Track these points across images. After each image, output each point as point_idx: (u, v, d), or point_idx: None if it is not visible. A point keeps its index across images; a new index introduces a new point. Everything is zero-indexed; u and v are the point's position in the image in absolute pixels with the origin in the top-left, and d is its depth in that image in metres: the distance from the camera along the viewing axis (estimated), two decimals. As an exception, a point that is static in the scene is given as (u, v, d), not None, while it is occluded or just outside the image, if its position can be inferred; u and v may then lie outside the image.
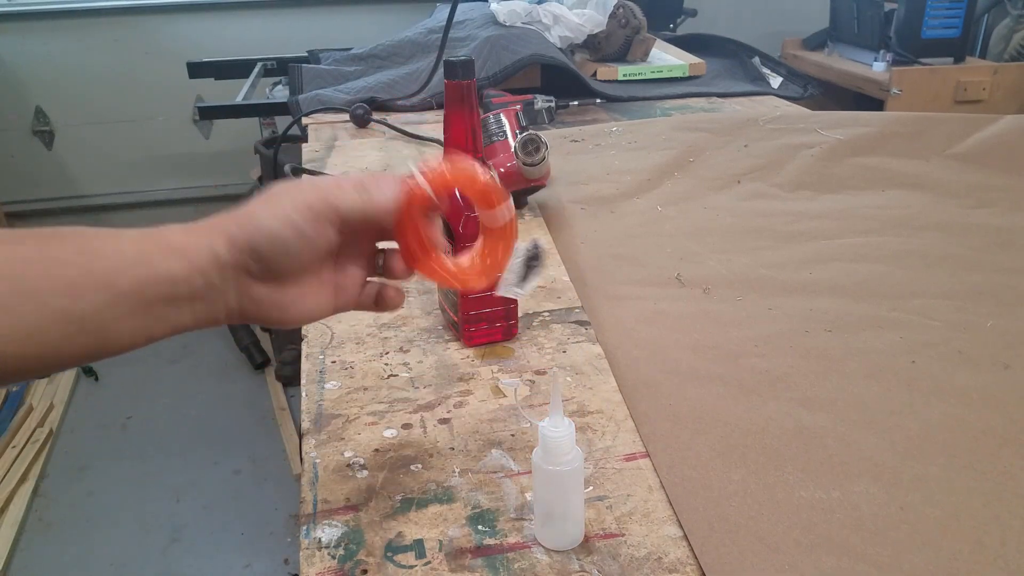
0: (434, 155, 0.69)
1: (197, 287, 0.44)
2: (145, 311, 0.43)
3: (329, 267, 0.51)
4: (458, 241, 0.68)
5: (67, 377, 2.36)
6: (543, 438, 0.49)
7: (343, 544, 0.52)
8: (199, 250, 0.44)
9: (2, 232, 0.41)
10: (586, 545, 0.51)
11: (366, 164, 1.24)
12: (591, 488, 0.56)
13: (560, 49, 1.62)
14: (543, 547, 0.51)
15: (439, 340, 0.75)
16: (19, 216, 3.04)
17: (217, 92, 2.48)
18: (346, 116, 1.46)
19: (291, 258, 0.46)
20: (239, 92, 1.89)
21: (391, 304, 0.54)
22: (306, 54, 1.98)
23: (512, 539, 0.52)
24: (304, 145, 1.36)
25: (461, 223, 0.68)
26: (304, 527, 0.53)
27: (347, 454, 0.60)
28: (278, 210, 0.46)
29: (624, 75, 1.69)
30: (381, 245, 0.54)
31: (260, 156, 2.16)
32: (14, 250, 0.41)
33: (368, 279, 0.54)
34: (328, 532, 0.53)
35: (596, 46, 1.74)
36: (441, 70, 0.68)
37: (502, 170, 0.96)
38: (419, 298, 0.83)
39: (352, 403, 0.66)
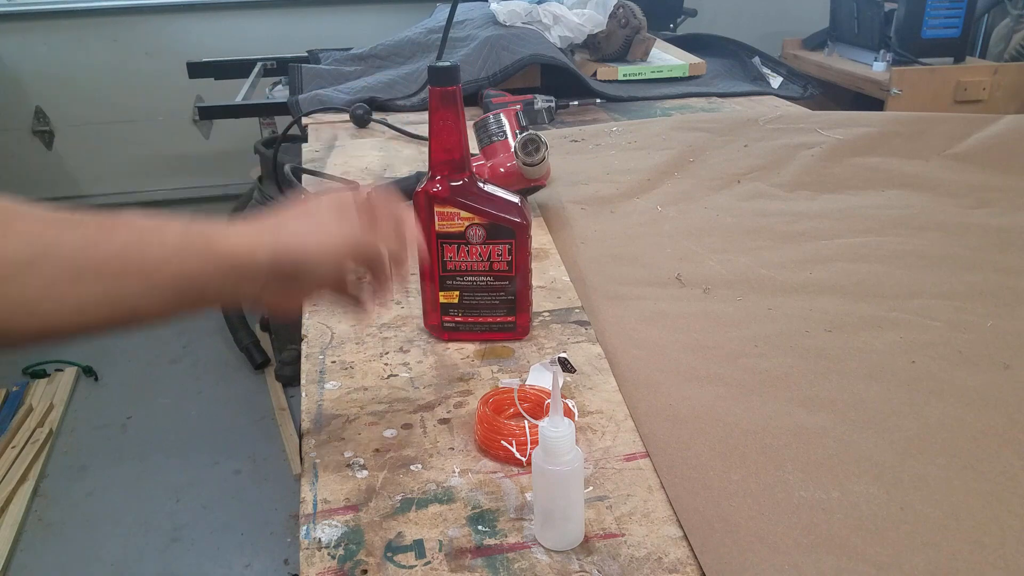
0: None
1: (226, 287, 0.49)
2: (174, 299, 0.49)
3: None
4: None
5: (67, 377, 2.36)
6: (543, 438, 0.49)
7: (343, 544, 0.52)
8: (239, 257, 0.49)
9: (65, 216, 0.46)
10: (586, 545, 0.51)
11: (366, 164, 1.24)
12: (591, 488, 0.56)
13: (560, 49, 1.62)
14: (543, 547, 0.51)
15: (439, 340, 0.75)
16: (19, 216, 3.04)
17: (217, 92, 2.48)
18: (346, 116, 1.46)
19: (322, 282, 0.54)
20: (239, 92, 1.89)
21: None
22: (306, 54, 1.98)
23: (512, 539, 0.52)
24: (304, 145, 1.36)
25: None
26: (304, 527, 0.53)
27: (347, 454, 0.60)
28: (326, 243, 0.52)
29: (624, 75, 1.69)
30: None
31: (260, 156, 2.16)
32: (74, 234, 0.46)
33: None
34: (328, 532, 0.53)
35: (596, 46, 1.74)
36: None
37: (502, 170, 0.96)
38: (419, 298, 0.83)
39: (352, 403, 0.66)
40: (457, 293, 0.73)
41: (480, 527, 0.53)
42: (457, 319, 0.74)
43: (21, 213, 0.45)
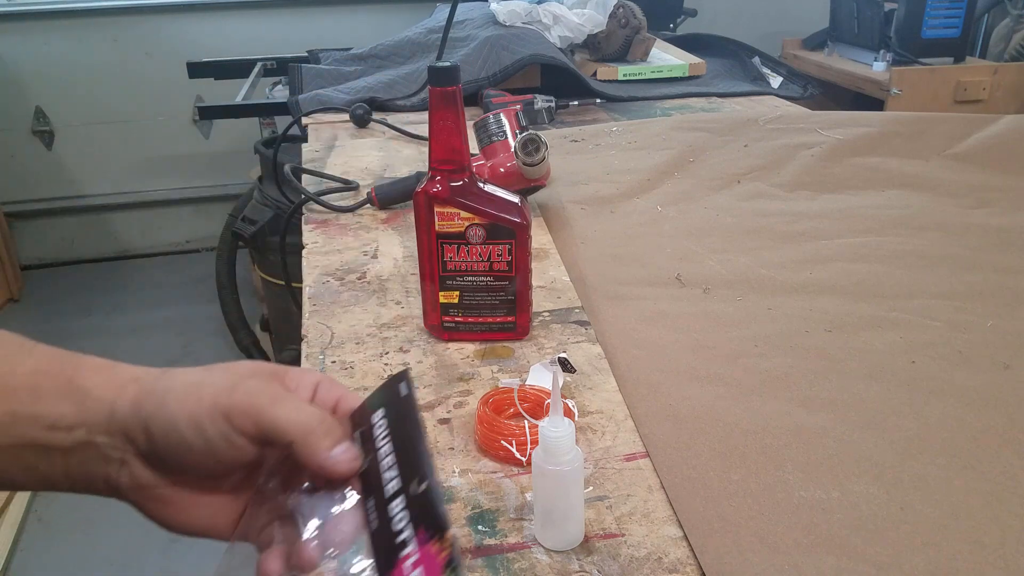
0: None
1: (76, 440, 0.37)
2: (10, 451, 0.37)
3: (243, 484, 0.41)
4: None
5: (67, 377, 2.36)
6: (543, 438, 0.49)
7: (343, 544, 0.52)
8: (99, 399, 0.37)
9: None
10: (586, 545, 0.51)
11: (366, 164, 1.24)
12: (591, 488, 0.56)
13: (560, 49, 1.62)
14: (543, 547, 0.51)
15: (439, 340, 0.75)
16: (19, 216, 3.04)
17: (217, 92, 2.48)
18: (346, 116, 1.46)
19: (184, 457, 0.37)
20: (239, 92, 1.89)
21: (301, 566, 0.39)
22: (306, 54, 1.98)
23: (512, 539, 0.52)
24: (304, 145, 1.36)
25: None
26: (304, 527, 0.53)
27: (347, 454, 0.60)
28: (191, 403, 0.37)
29: (624, 75, 1.69)
30: None
31: (260, 156, 2.16)
32: None
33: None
34: (328, 532, 0.53)
35: (596, 46, 1.74)
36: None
37: (502, 170, 0.96)
38: (419, 298, 0.83)
39: (352, 403, 0.66)
40: (457, 293, 0.73)
41: (480, 527, 0.53)
42: (457, 319, 0.74)
43: None
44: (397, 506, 0.37)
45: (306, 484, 0.40)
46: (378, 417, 0.40)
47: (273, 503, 0.41)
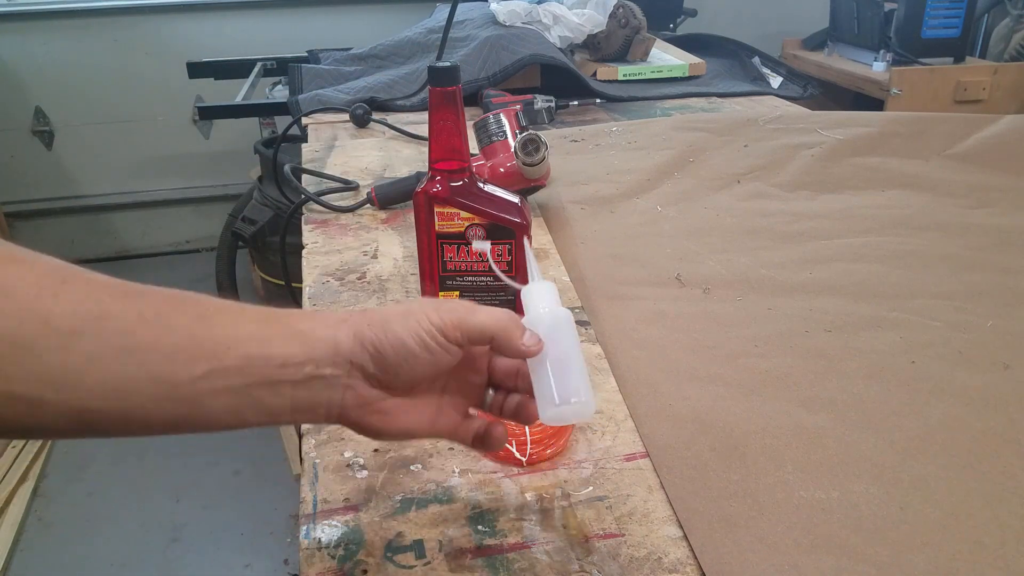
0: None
1: (306, 374, 0.43)
2: (244, 390, 0.41)
3: (439, 386, 0.50)
4: None
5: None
6: (527, 296, 0.49)
7: (343, 544, 0.52)
8: (321, 338, 0.43)
9: (125, 284, 0.41)
10: (586, 545, 0.51)
11: (366, 164, 1.24)
12: (591, 488, 0.56)
13: (560, 49, 1.62)
14: (549, 417, 0.47)
15: (439, 340, 0.75)
16: (19, 216, 3.04)
17: (217, 92, 2.48)
18: (346, 116, 1.46)
19: (412, 369, 0.45)
20: (239, 92, 1.89)
21: (494, 444, 0.50)
22: (306, 54, 1.98)
23: (512, 539, 0.52)
24: (304, 145, 1.36)
25: None
26: (304, 527, 0.53)
27: (347, 454, 0.60)
28: (412, 325, 0.45)
29: (624, 75, 1.69)
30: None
31: (260, 156, 2.16)
32: (131, 304, 0.40)
33: (471, 411, 0.51)
34: (328, 532, 0.53)
35: (596, 46, 1.74)
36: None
37: (502, 170, 0.96)
38: (419, 298, 0.83)
39: (352, 403, 0.66)
40: (457, 293, 0.73)
41: (480, 527, 0.53)
42: None
43: (75, 276, 0.40)
44: None
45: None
46: None
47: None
